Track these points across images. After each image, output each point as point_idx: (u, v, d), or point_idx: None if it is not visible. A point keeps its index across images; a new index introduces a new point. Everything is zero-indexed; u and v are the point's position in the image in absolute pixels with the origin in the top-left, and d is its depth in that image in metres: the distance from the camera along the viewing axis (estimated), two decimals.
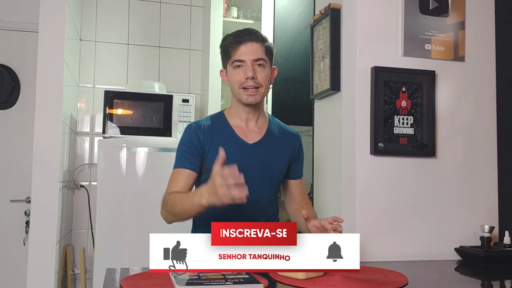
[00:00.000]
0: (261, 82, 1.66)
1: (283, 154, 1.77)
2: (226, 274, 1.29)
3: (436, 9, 1.92)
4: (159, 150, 2.69)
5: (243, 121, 1.74)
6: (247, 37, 1.67)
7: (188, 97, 2.95)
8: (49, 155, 2.40)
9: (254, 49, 1.66)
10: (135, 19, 3.35)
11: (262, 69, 1.67)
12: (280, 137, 1.78)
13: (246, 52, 1.65)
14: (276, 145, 1.76)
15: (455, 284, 1.53)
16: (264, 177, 1.71)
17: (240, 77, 1.65)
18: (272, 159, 1.73)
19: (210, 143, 1.69)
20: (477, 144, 1.97)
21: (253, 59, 1.65)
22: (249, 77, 1.64)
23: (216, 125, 1.74)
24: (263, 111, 1.80)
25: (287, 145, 1.79)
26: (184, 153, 1.70)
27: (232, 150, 1.68)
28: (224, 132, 1.73)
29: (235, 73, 1.67)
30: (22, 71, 3.08)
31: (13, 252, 2.97)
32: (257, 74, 1.65)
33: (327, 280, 1.34)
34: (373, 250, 1.81)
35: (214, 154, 1.67)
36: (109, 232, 2.62)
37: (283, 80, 3.11)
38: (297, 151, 1.82)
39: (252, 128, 1.75)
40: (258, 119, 1.76)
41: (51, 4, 2.44)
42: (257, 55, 1.66)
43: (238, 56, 1.66)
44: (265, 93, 1.71)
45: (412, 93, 1.88)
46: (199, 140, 1.69)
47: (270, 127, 1.78)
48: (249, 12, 3.33)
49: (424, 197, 1.88)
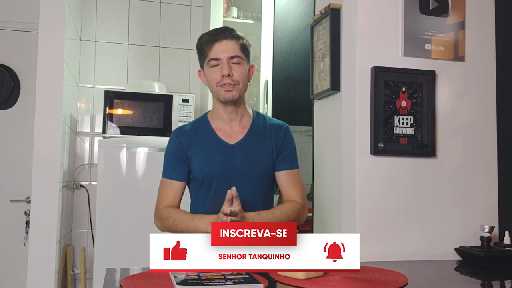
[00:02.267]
0: (237, 79, 1.67)
1: (266, 149, 1.75)
2: (226, 274, 1.29)
3: (436, 9, 1.92)
4: (159, 150, 2.69)
5: (226, 122, 1.75)
6: (222, 35, 1.68)
7: (188, 97, 2.95)
8: (49, 155, 2.40)
9: (229, 46, 1.67)
10: (135, 19, 3.36)
11: (238, 66, 1.68)
12: (264, 132, 1.77)
13: (221, 50, 1.66)
14: (259, 141, 1.75)
15: (455, 284, 1.53)
16: (248, 176, 1.70)
17: (217, 75, 1.67)
18: (255, 156, 1.72)
19: (193, 147, 1.72)
20: (477, 144, 1.97)
21: (229, 57, 1.66)
22: (225, 74, 1.65)
23: (198, 128, 1.76)
24: (247, 109, 1.80)
25: (271, 137, 1.76)
26: (170, 161, 1.75)
27: (213, 151, 1.71)
28: (205, 135, 1.74)
29: (211, 71, 1.68)
30: (22, 71, 3.08)
31: (13, 252, 2.97)
32: (233, 71, 1.66)
33: (327, 280, 1.34)
34: (373, 250, 1.81)
35: (197, 157, 1.71)
36: (109, 232, 2.62)
37: (283, 80, 3.11)
38: (281, 141, 1.77)
39: (237, 129, 1.75)
40: (241, 118, 1.76)
41: (51, 4, 2.44)
42: (232, 52, 1.67)
43: (214, 54, 1.67)
44: (243, 90, 1.72)
45: (412, 93, 1.88)
46: (182, 145, 1.73)
47: (254, 124, 1.77)
48: (249, 12, 3.33)
49: (424, 197, 1.88)
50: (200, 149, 1.72)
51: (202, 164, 1.71)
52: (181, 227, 1.63)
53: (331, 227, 2.06)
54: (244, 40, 1.71)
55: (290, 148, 1.79)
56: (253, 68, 1.77)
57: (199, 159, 1.71)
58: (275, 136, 1.77)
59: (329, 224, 2.09)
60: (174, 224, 1.64)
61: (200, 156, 1.71)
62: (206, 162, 1.70)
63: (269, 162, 1.75)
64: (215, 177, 1.69)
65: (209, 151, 1.72)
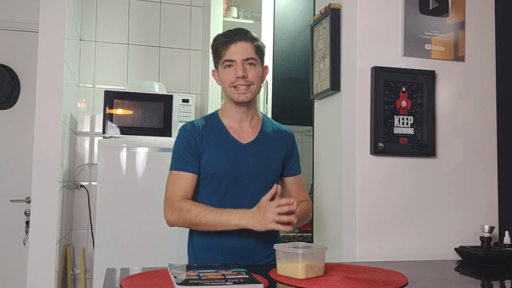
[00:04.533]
0: (252, 81, 1.68)
1: (277, 152, 1.77)
2: (226, 274, 1.29)
3: (436, 9, 1.92)
4: (159, 150, 2.69)
5: (237, 121, 1.76)
6: (237, 36, 1.69)
7: (188, 97, 2.95)
8: (49, 155, 2.40)
9: (244, 48, 1.68)
10: (135, 19, 3.36)
11: (252, 67, 1.69)
12: (273, 136, 1.79)
13: (236, 51, 1.67)
14: (270, 144, 1.77)
15: (455, 284, 1.53)
16: (259, 176, 1.71)
17: (231, 76, 1.68)
18: (267, 158, 1.74)
19: (204, 143, 1.71)
20: (477, 144, 1.97)
21: (243, 59, 1.67)
22: (240, 76, 1.66)
23: (210, 125, 1.75)
24: (257, 111, 1.81)
25: (281, 143, 1.80)
26: (182, 155, 1.71)
27: (226, 150, 1.70)
28: (218, 132, 1.74)
29: (226, 72, 1.69)
30: (22, 71, 3.09)
31: (13, 252, 2.98)
32: (247, 73, 1.67)
33: (327, 280, 1.34)
34: (373, 250, 1.81)
35: (208, 154, 1.70)
36: (109, 232, 2.62)
37: (283, 80, 3.11)
38: (290, 148, 1.82)
39: (246, 129, 1.76)
40: (252, 119, 1.77)
41: (51, 4, 2.44)
42: (247, 54, 1.68)
43: (229, 55, 1.68)
44: (257, 92, 1.73)
45: (412, 93, 1.88)
46: (195, 140, 1.71)
47: (264, 126, 1.79)
48: (249, 12, 3.33)
49: (424, 197, 1.88)
50: (212, 145, 1.71)
51: (214, 160, 1.69)
52: (207, 220, 1.57)
53: (331, 227, 2.06)
54: (259, 42, 1.72)
55: (297, 154, 1.86)
56: (267, 70, 1.78)
57: (210, 155, 1.70)
58: (285, 143, 1.81)
59: (329, 224, 2.09)
60: (199, 217, 1.57)
61: (212, 153, 1.70)
62: (218, 159, 1.69)
63: (278, 165, 1.77)
64: (226, 175, 1.68)
65: (221, 148, 1.71)
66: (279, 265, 1.41)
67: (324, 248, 1.41)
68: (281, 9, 3.13)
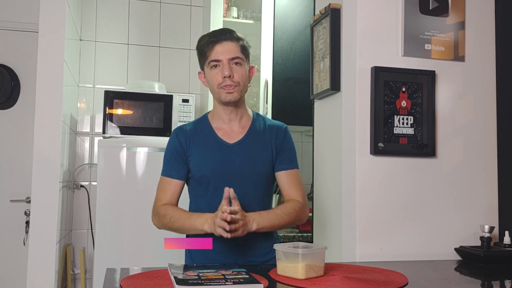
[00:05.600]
0: (238, 80, 1.68)
1: (265, 148, 1.75)
2: (226, 274, 1.29)
3: (436, 9, 1.92)
4: (159, 150, 2.69)
5: (226, 122, 1.76)
6: (222, 36, 1.69)
7: (188, 97, 2.95)
8: (49, 155, 2.41)
9: (229, 48, 1.68)
10: (135, 19, 3.36)
11: (239, 67, 1.69)
12: (263, 132, 1.77)
13: (222, 51, 1.67)
14: (258, 141, 1.75)
15: (455, 284, 1.53)
16: (247, 175, 1.70)
17: (218, 76, 1.68)
18: (254, 156, 1.73)
19: (191, 146, 1.73)
20: (477, 144, 1.97)
21: (229, 58, 1.67)
22: (226, 75, 1.66)
23: (199, 128, 1.77)
24: (246, 110, 1.80)
25: (270, 137, 1.76)
26: (169, 160, 1.75)
27: (213, 151, 1.71)
28: (206, 135, 1.75)
29: (212, 73, 1.69)
30: (22, 71, 3.09)
31: (13, 252, 2.98)
32: (234, 72, 1.67)
33: (327, 280, 1.34)
34: (373, 250, 1.81)
35: (195, 156, 1.72)
36: (109, 232, 2.62)
37: (283, 80, 3.11)
38: (281, 141, 1.77)
39: (236, 129, 1.76)
40: (241, 119, 1.77)
41: (51, 4, 2.44)
42: (233, 53, 1.68)
43: (215, 55, 1.68)
44: (244, 91, 1.73)
45: (412, 93, 1.88)
46: (181, 144, 1.73)
47: (253, 124, 1.78)
48: (249, 12, 3.33)
49: (424, 197, 1.88)
50: (198, 148, 1.73)
51: (200, 163, 1.71)
52: (177, 225, 1.64)
53: (331, 227, 2.06)
54: (244, 41, 1.72)
55: (290, 149, 1.79)
56: (253, 69, 1.78)
57: (197, 158, 1.72)
58: (275, 137, 1.77)
59: (329, 224, 2.09)
60: (171, 222, 1.64)
61: (199, 155, 1.72)
62: (205, 161, 1.71)
63: (268, 162, 1.74)
64: (213, 176, 1.69)
65: (208, 150, 1.72)
66: (279, 265, 1.41)
67: (324, 248, 1.41)
68: (281, 9, 3.13)
